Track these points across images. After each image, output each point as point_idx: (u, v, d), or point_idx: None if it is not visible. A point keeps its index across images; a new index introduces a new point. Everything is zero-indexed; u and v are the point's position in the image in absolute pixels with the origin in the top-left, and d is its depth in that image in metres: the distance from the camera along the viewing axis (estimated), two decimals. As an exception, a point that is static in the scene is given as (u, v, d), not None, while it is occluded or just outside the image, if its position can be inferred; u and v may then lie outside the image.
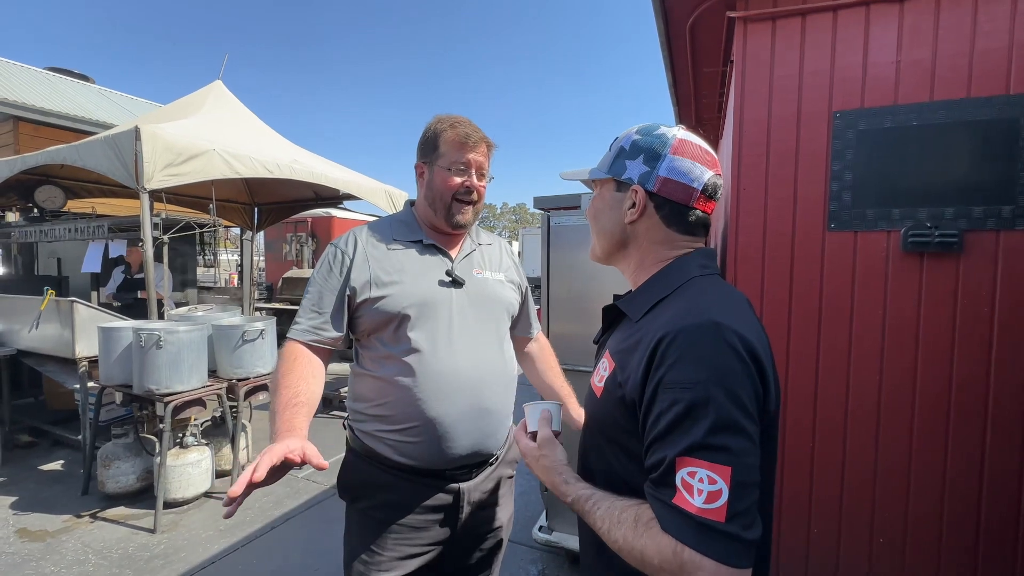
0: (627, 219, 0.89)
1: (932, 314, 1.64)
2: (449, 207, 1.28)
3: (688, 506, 0.65)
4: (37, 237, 4.60)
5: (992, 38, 1.57)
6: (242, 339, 3.34)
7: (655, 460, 0.70)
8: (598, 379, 0.87)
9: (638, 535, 0.70)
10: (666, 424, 0.69)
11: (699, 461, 0.66)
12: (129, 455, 3.27)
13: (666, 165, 0.84)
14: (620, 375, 0.80)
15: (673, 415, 0.69)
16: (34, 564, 2.62)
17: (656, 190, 0.85)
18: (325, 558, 2.65)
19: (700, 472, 0.66)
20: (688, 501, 0.66)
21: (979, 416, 1.61)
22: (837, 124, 1.72)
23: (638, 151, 0.87)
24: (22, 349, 3.90)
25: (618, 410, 0.80)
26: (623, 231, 0.91)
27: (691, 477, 0.66)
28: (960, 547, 1.65)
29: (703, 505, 0.65)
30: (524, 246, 14.99)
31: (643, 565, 0.69)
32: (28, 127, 7.21)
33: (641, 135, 0.88)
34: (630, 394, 0.76)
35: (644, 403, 0.74)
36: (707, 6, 2.02)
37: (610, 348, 0.88)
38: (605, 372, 0.85)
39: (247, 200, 6.00)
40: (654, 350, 0.74)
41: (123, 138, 3.24)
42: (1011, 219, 1.56)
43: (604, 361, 0.87)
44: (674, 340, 0.72)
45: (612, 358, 0.85)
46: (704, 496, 0.65)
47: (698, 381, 0.69)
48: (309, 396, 1.14)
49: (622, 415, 0.79)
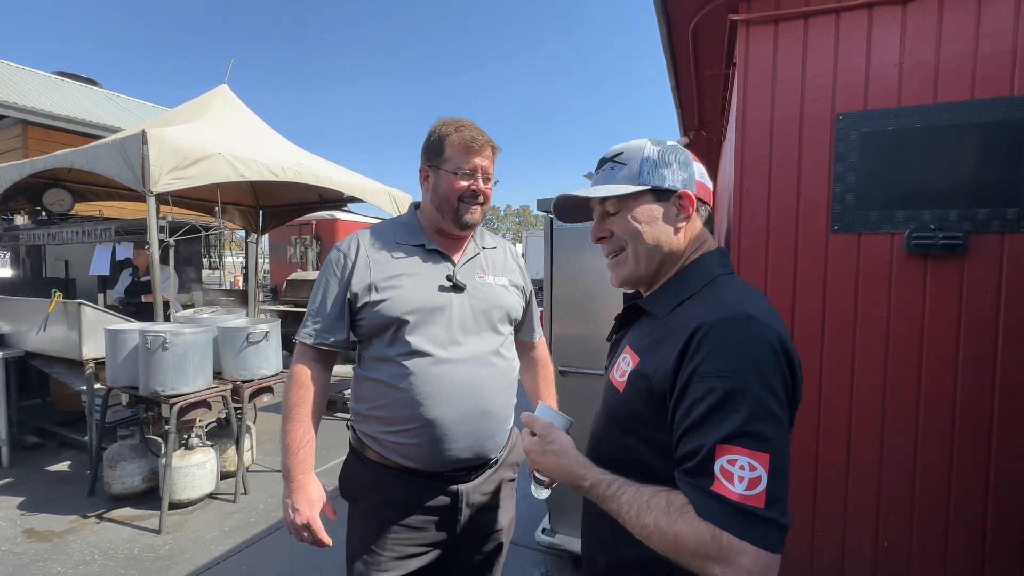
0: (677, 225, 0.89)
1: (936, 316, 1.64)
2: (456, 209, 1.28)
3: (729, 493, 0.67)
4: (45, 240, 4.64)
5: (996, 40, 1.56)
6: (247, 341, 3.36)
7: (691, 448, 0.71)
8: (619, 374, 0.89)
9: (671, 520, 0.70)
10: (702, 412, 0.71)
11: (740, 449, 0.68)
12: (135, 456, 3.29)
13: (698, 170, 0.92)
14: (646, 368, 0.82)
15: (708, 404, 0.70)
16: (41, 564, 2.64)
17: (697, 194, 0.90)
18: (329, 559, 2.66)
19: (741, 459, 0.68)
20: (729, 488, 0.67)
21: (985, 418, 1.60)
22: (840, 126, 1.72)
23: (670, 160, 0.89)
24: (30, 351, 3.93)
25: (643, 402, 0.81)
26: (670, 241, 0.89)
27: (731, 465, 0.68)
28: (966, 550, 1.64)
29: (744, 492, 0.66)
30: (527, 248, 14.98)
31: (676, 550, 0.70)
32: (37, 131, 7.29)
33: (660, 146, 0.91)
34: (659, 385, 0.78)
35: (675, 393, 0.75)
36: (709, 9, 2.02)
37: (631, 344, 0.90)
38: (628, 367, 0.87)
39: (252, 203, 6.04)
40: (688, 341, 0.75)
41: (130, 142, 3.27)
42: (1016, 221, 1.55)
43: (626, 356, 0.89)
44: (709, 331, 0.74)
45: (635, 353, 0.87)
46: (745, 483, 0.67)
47: (735, 370, 0.71)
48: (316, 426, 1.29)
49: (647, 407, 0.81)
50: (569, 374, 2.53)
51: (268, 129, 4.99)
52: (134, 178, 3.26)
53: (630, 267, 0.91)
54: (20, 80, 8.24)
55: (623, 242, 0.91)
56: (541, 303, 2.64)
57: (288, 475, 1.22)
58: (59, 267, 6.42)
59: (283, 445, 1.24)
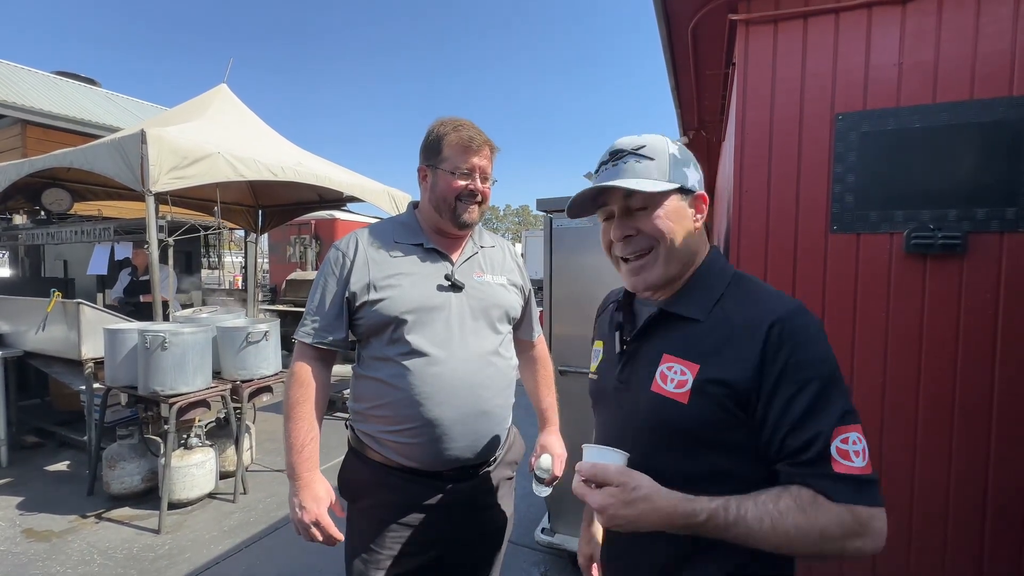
0: (695, 226, 0.88)
1: (935, 316, 1.64)
2: (454, 208, 1.28)
3: (852, 470, 0.71)
4: (44, 239, 4.63)
5: (995, 40, 1.56)
6: (246, 341, 3.36)
7: (805, 439, 0.73)
8: (672, 385, 0.82)
9: (811, 517, 0.71)
10: (807, 403, 0.74)
11: (851, 427, 0.73)
12: (134, 456, 3.29)
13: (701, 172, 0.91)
14: (717, 373, 0.79)
15: (812, 393, 0.74)
16: (40, 564, 2.64)
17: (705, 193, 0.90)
18: (329, 558, 2.66)
19: (852, 436, 0.73)
20: (850, 466, 0.71)
21: (984, 417, 1.60)
22: (839, 126, 1.72)
23: (687, 160, 0.88)
24: (28, 350, 3.93)
25: (720, 408, 0.78)
26: (693, 242, 0.88)
27: (844, 443, 0.72)
28: (966, 547, 1.64)
29: (862, 465, 0.72)
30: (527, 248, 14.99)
31: (820, 544, 0.71)
32: (36, 130, 7.28)
33: (677, 144, 0.88)
34: (741, 387, 0.77)
35: (765, 391, 0.76)
36: (709, 9, 2.02)
37: (673, 352, 0.84)
38: (684, 376, 0.81)
39: (251, 202, 6.03)
40: (767, 338, 0.76)
41: (129, 141, 3.27)
42: (1015, 221, 1.55)
43: (673, 365, 0.83)
44: (786, 325, 0.77)
45: (689, 360, 0.81)
46: (860, 457, 0.72)
47: (825, 358, 0.76)
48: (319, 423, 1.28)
49: (724, 412, 0.78)
50: (569, 374, 2.53)
51: (267, 129, 4.99)
52: (133, 178, 3.26)
53: (660, 269, 0.86)
54: (19, 79, 8.23)
55: (652, 242, 0.85)
56: (541, 303, 2.64)
57: (293, 473, 1.22)
58: (58, 267, 6.42)
59: (287, 444, 1.23)
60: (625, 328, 0.94)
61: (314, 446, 1.24)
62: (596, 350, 1.05)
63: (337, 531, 1.22)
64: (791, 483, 0.74)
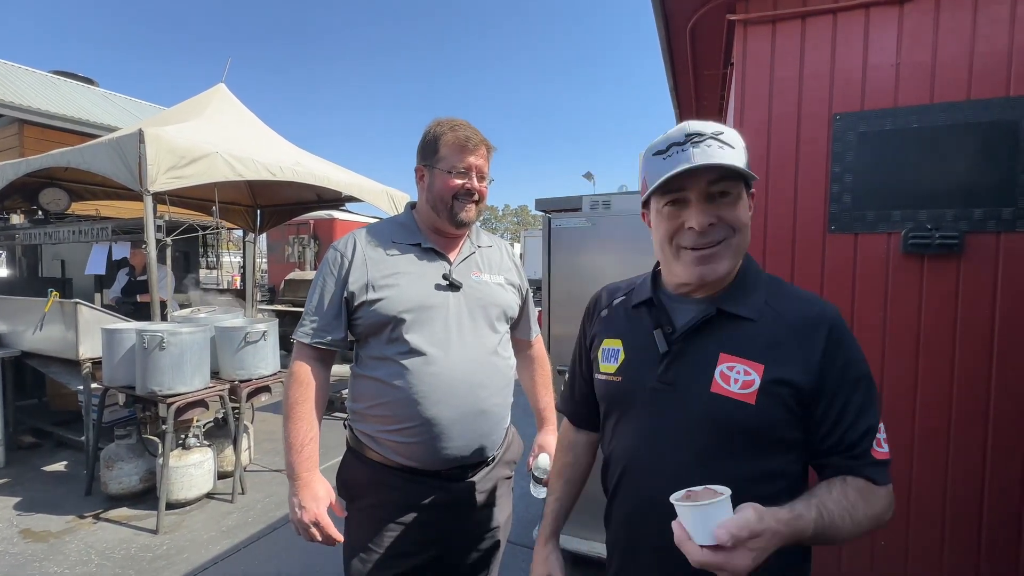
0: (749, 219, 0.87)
1: (933, 315, 1.64)
2: (451, 207, 1.29)
3: (885, 456, 0.80)
4: (41, 239, 4.62)
5: (992, 40, 1.57)
6: (244, 341, 3.35)
7: (861, 433, 0.79)
8: (737, 386, 0.80)
9: (872, 504, 0.77)
10: (861, 400, 0.79)
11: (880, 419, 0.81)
12: (132, 456, 3.28)
13: None
14: (783, 373, 0.78)
15: (864, 391, 0.80)
16: (37, 564, 2.63)
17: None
18: (327, 558, 2.65)
19: (882, 425, 0.81)
20: (883, 452, 0.80)
21: (981, 417, 1.61)
22: (837, 126, 1.72)
23: (745, 151, 0.85)
24: (26, 350, 3.92)
25: (785, 408, 0.79)
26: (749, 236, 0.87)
27: (880, 432, 0.81)
28: (963, 548, 1.65)
29: (888, 449, 0.81)
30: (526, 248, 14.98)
31: (876, 523, 0.78)
32: (33, 130, 7.26)
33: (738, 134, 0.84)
34: (806, 386, 0.79)
35: (828, 389, 0.79)
36: (707, 9, 2.03)
37: (733, 352, 0.82)
38: (749, 376, 0.79)
39: (250, 202, 6.02)
40: (828, 337, 0.80)
41: (127, 141, 3.26)
42: (1012, 221, 1.56)
43: (735, 365, 0.80)
44: (838, 325, 0.81)
45: (753, 360, 0.80)
46: (887, 442, 0.81)
47: (863, 357, 0.82)
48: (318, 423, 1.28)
49: (788, 411, 0.79)
50: (567, 373, 2.53)
51: (266, 128, 4.98)
52: (131, 177, 3.25)
53: (728, 261, 0.83)
54: (16, 79, 8.20)
55: (728, 232, 0.82)
56: (539, 303, 2.64)
57: (293, 473, 1.22)
58: (55, 266, 6.40)
59: (286, 444, 1.23)
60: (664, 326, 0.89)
61: (313, 446, 1.24)
62: (611, 349, 0.96)
63: (336, 531, 1.22)
64: (842, 474, 0.79)
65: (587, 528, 2.53)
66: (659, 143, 0.85)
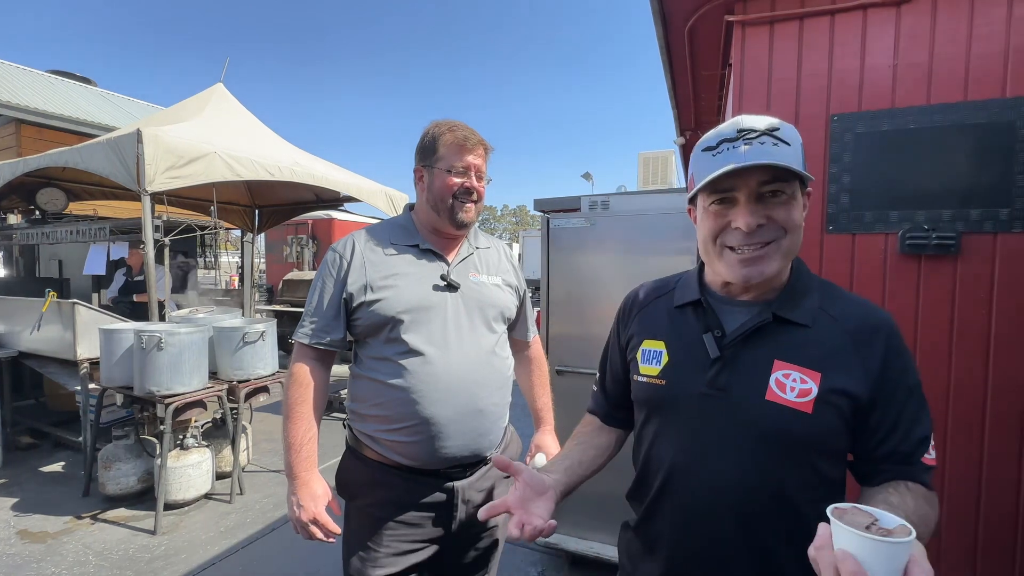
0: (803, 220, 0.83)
1: (930, 316, 1.65)
2: (451, 207, 1.30)
3: (934, 462, 0.80)
4: (39, 239, 4.61)
5: (988, 42, 1.58)
6: (243, 341, 3.35)
7: (917, 440, 0.78)
8: (793, 394, 0.78)
9: (934, 508, 0.77)
10: (916, 407, 0.79)
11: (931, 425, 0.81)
12: (130, 457, 3.27)
13: None
14: (840, 383, 0.77)
15: (918, 397, 0.80)
16: (35, 565, 2.62)
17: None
18: (326, 559, 2.65)
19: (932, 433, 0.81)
20: (932, 458, 0.80)
21: (977, 415, 1.62)
22: (835, 127, 1.73)
23: (801, 148, 0.80)
24: (23, 351, 3.91)
25: (841, 418, 0.78)
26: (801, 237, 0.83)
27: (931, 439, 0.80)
28: (960, 546, 1.65)
29: (935, 455, 0.80)
30: (524, 248, 14.99)
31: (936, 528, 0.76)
32: (30, 130, 7.24)
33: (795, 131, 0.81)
34: (864, 396, 0.78)
35: (884, 398, 0.78)
36: (705, 10, 2.03)
37: (787, 359, 0.80)
38: (806, 384, 0.78)
39: (248, 202, 6.01)
40: (886, 345, 0.79)
41: (125, 141, 3.26)
42: (1008, 221, 1.57)
43: (791, 373, 0.79)
44: (892, 331, 0.81)
45: (809, 368, 0.78)
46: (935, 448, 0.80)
47: (914, 363, 0.82)
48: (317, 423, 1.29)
49: (843, 421, 0.78)
50: (566, 373, 2.53)
51: (264, 128, 4.97)
52: (129, 177, 3.25)
53: (778, 262, 0.80)
54: (13, 78, 8.18)
55: (779, 232, 0.79)
56: (538, 303, 2.64)
57: (291, 473, 1.24)
58: (53, 267, 6.38)
59: (285, 444, 1.25)
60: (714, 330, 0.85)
61: (312, 445, 1.26)
62: (652, 351, 0.92)
63: (335, 526, 1.24)
64: (898, 479, 0.78)
65: (587, 528, 2.53)
66: (710, 138, 0.81)
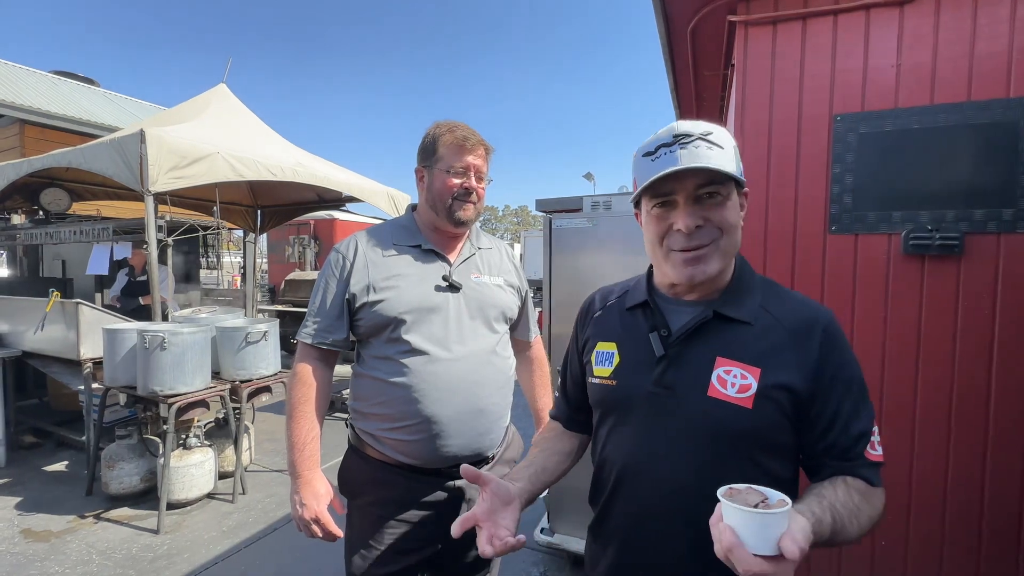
0: (742, 223, 0.86)
1: (933, 317, 1.65)
2: (450, 207, 1.31)
3: (880, 458, 0.81)
4: (42, 239, 4.62)
5: (992, 41, 1.57)
6: (245, 341, 3.36)
7: (857, 434, 0.79)
8: (734, 390, 0.79)
9: (873, 504, 0.78)
10: (855, 401, 0.81)
11: (875, 420, 0.82)
12: (133, 456, 3.28)
13: None
14: (781, 378, 0.79)
15: (857, 392, 0.81)
16: (39, 564, 2.63)
17: None
18: (328, 557, 2.66)
19: (875, 428, 0.82)
20: (878, 454, 0.81)
21: (981, 418, 1.61)
22: (838, 127, 1.72)
23: (735, 151, 0.84)
24: (27, 350, 3.92)
25: (782, 413, 0.79)
26: (739, 238, 0.86)
27: (874, 435, 0.81)
28: (963, 549, 1.65)
29: (881, 451, 0.82)
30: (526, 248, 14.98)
31: (875, 524, 0.78)
32: (34, 130, 7.27)
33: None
34: (803, 390, 0.79)
35: (822, 392, 0.80)
36: (708, 10, 2.03)
37: (729, 356, 0.82)
38: (746, 380, 0.79)
39: (250, 202, 6.02)
40: (823, 340, 0.81)
41: (128, 141, 3.27)
42: (1012, 222, 1.56)
43: (731, 369, 0.80)
44: (829, 327, 0.82)
45: (749, 364, 0.80)
46: (880, 444, 0.82)
47: (855, 358, 0.83)
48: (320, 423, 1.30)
49: (784, 415, 0.80)
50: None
51: (267, 129, 4.98)
52: (132, 178, 3.26)
53: (718, 263, 0.82)
54: (17, 79, 8.21)
55: (716, 234, 0.82)
56: (540, 303, 2.64)
57: (294, 472, 1.24)
58: (56, 267, 6.41)
59: (288, 443, 1.26)
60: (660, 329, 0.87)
61: (315, 445, 1.26)
62: (605, 352, 0.94)
63: (336, 528, 1.24)
64: (839, 475, 0.79)
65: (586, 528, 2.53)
66: (648, 144, 0.84)
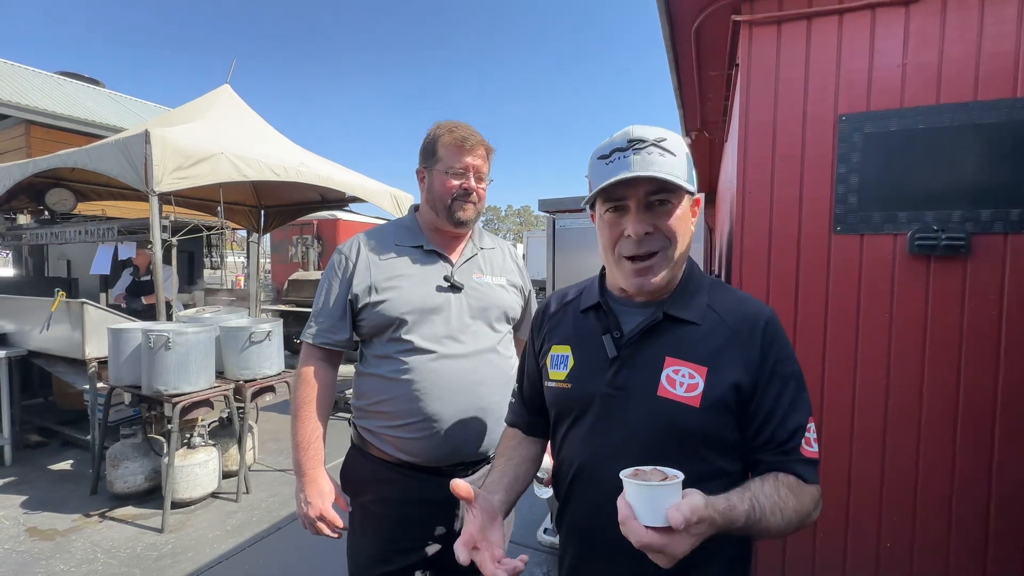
0: (692, 230, 0.88)
1: (939, 317, 1.64)
2: (449, 207, 1.32)
3: (815, 455, 0.82)
4: (48, 239, 4.65)
5: (999, 41, 1.56)
6: (249, 341, 3.37)
7: (791, 430, 0.81)
8: (682, 389, 0.81)
9: (801, 500, 0.78)
10: (791, 396, 0.82)
11: (811, 417, 0.83)
12: (137, 455, 3.30)
13: None
14: (727, 376, 0.81)
15: (794, 387, 0.83)
16: (44, 563, 2.65)
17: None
18: (331, 556, 2.66)
19: (811, 425, 0.83)
20: (813, 451, 0.82)
21: (987, 418, 1.60)
22: (843, 127, 1.72)
23: (691, 160, 0.85)
24: (32, 350, 3.94)
25: (728, 410, 0.82)
26: (689, 244, 0.88)
27: (809, 432, 0.82)
28: (968, 550, 1.64)
29: (817, 448, 0.83)
30: (528, 248, 14.98)
31: (804, 520, 0.78)
32: (39, 131, 7.30)
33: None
34: (746, 386, 0.81)
35: (761, 386, 0.82)
36: (712, 10, 2.03)
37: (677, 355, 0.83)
38: (693, 379, 0.81)
39: (254, 203, 6.04)
40: (763, 337, 0.83)
41: (133, 142, 3.28)
42: (1019, 222, 1.55)
43: (680, 368, 0.82)
44: (770, 323, 0.84)
45: (696, 364, 0.82)
46: (817, 442, 0.83)
47: (794, 355, 0.85)
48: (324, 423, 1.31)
49: (730, 413, 0.82)
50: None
51: (270, 129, 5.00)
52: (137, 178, 3.27)
53: (665, 273, 0.84)
54: (23, 80, 8.26)
55: (665, 242, 0.83)
56: (543, 303, 2.64)
57: (299, 470, 1.26)
58: (61, 266, 6.44)
59: (293, 442, 1.27)
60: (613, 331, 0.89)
61: (319, 444, 1.28)
62: (560, 355, 0.95)
63: (341, 522, 1.26)
64: (773, 470, 0.81)
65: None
66: (604, 147, 0.84)
